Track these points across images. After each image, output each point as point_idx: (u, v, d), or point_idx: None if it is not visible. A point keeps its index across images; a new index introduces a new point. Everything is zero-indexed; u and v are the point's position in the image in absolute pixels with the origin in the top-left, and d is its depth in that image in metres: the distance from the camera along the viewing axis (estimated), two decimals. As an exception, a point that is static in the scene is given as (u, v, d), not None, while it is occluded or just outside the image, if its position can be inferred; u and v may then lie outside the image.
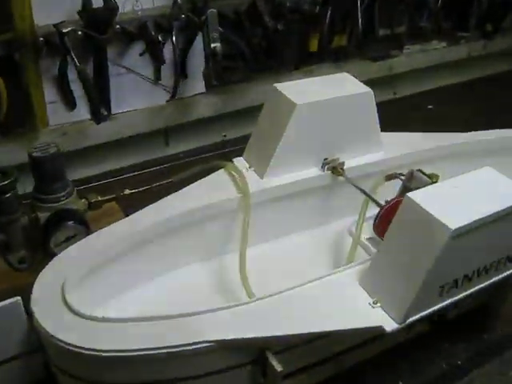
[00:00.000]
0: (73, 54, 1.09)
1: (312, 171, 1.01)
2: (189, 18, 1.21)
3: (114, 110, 1.26)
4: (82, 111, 1.22)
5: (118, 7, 1.11)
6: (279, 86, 0.99)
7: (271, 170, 0.98)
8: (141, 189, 1.06)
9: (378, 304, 0.75)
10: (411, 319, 0.74)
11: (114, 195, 1.04)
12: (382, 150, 1.07)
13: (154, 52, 1.16)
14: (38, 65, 1.12)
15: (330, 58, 1.52)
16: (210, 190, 0.96)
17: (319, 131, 0.99)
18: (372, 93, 1.01)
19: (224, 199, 0.94)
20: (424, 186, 0.93)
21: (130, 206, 1.01)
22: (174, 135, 1.40)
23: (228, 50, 1.31)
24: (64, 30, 1.07)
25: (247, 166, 1.01)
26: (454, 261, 0.72)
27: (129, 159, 1.36)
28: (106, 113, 1.24)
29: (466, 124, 1.54)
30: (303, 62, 1.49)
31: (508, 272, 0.81)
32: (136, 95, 1.28)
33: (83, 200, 1.02)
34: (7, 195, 0.92)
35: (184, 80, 1.32)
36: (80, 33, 1.12)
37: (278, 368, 0.72)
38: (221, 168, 1.01)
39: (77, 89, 1.19)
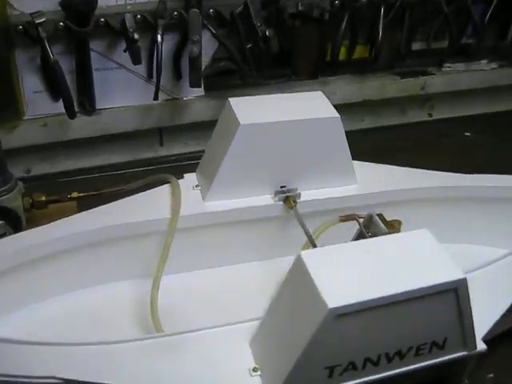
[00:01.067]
0: (47, 46, 1.05)
1: (263, 199, 0.90)
2: (181, 15, 1.14)
3: (99, 106, 1.21)
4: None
5: (96, 0, 1.05)
6: (234, 100, 0.89)
7: (214, 192, 0.89)
8: (90, 193, 1.01)
9: (258, 372, 0.65)
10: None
11: (58, 197, 1.00)
12: (355, 184, 0.95)
13: (130, 50, 1.09)
14: (12, 53, 1.09)
15: (350, 69, 1.38)
16: (146, 206, 0.89)
17: (271, 156, 0.88)
18: (339, 119, 0.88)
19: (153, 219, 0.87)
20: (381, 235, 0.82)
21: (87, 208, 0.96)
22: (170, 136, 1.34)
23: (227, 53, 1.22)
24: (37, 21, 1.03)
25: (196, 183, 0.93)
26: (343, 342, 0.60)
27: (117, 156, 1.31)
28: (90, 108, 1.19)
29: (504, 158, 1.37)
30: (320, 72, 1.37)
31: (436, 360, 0.67)
32: (126, 92, 1.23)
33: (26, 198, 0.98)
34: None
35: (178, 80, 1.25)
36: (62, 24, 1.08)
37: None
38: (168, 182, 0.94)
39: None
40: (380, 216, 0.85)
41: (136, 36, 1.06)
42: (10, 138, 1.17)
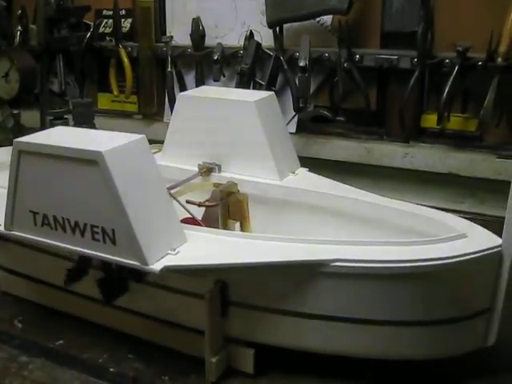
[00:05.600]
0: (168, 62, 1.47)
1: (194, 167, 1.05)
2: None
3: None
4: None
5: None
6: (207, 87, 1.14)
7: (166, 152, 1.09)
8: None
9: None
10: (15, 233, 0.78)
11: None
12: (278, 180, 0.99)
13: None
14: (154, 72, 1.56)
15: (446, 141, 1.32)
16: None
17: (204, 130, 1.03)
18: (253, 104, 0.97)
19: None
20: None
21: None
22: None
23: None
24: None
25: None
26: (30, 186, 0.74)
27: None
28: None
29: None
30: (413, 137, 1.35)
31: (109, 256, 0.70)
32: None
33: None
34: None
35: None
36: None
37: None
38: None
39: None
40: (233, 185, 0.92)
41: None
42: (150, 130, 1.58)
